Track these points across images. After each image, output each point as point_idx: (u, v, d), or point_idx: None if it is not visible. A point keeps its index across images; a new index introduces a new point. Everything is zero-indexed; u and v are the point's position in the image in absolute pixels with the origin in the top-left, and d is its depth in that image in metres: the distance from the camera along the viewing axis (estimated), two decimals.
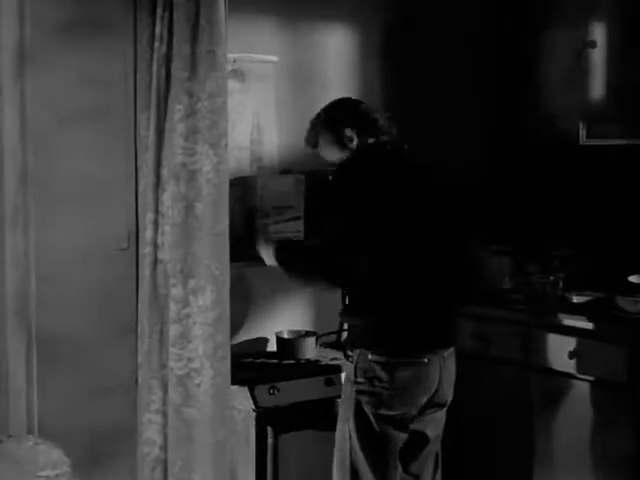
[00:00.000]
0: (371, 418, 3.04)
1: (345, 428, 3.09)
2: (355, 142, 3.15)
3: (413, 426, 3.10)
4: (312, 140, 3.26)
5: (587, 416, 3.63)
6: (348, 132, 3.15)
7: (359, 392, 3.05)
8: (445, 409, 3.20)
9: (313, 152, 3.29)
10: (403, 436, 3.08)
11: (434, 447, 3.21)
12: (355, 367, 3.06)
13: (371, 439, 3.05)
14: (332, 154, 3.21)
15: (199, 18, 3.14)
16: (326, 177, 3.24)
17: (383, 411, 3.03)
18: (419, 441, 3.15)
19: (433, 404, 3.12)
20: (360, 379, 3.04)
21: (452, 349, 3.16)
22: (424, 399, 3.08)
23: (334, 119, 3.20)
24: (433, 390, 3.09)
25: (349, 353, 3.12)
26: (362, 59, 4.04)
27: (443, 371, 3.10)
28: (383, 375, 3.02)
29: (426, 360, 3.05)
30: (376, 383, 3.02)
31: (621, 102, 3.93)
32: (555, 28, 4.17)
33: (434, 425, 3.17)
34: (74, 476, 2.77)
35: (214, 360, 3.17)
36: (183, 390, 3.19)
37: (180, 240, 3.18)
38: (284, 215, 3.69)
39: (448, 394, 3.17)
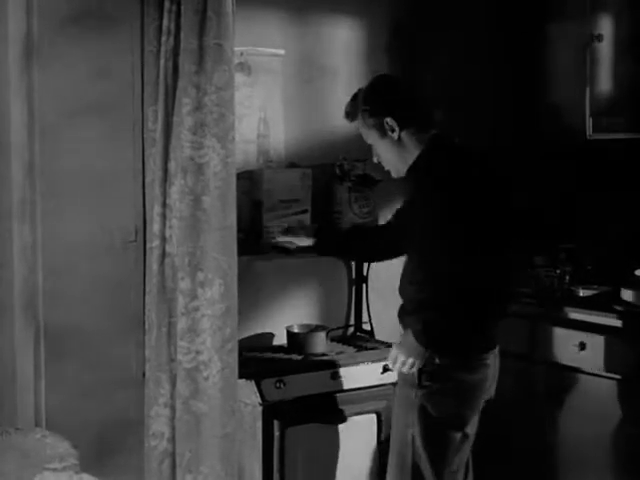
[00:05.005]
0: (438, 422, 2.97)
1: (407, 433, 3.00)
2: (397, 132, 3.01)
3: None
4: (351, 113, 3.12)
5: (594, 410, 3.64)
6: (389, 121, 3.01)
7: (426, 396, 2.98)
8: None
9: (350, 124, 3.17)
10: (459, 435, 3.04)
11: (470, 444, 3.15)
12: (420, 371, 2.97)
13: (436, 442, 2.99)
14: (370, 136, 3.08)
15: (206, 11, 3.13)
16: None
17: (450, 414, 2.99)
18: (461, 439, 3.09)
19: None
20: (427, 383, 2.97)
21: (497, 347, 3.12)
22: (483, 399, 3.06)
23: (376, 102, 3.05)
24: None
25: None
26: (370, 53, 4.02)
27: (495, 370, 3.08)
28: (452, 378, 2.96)
29: (488, 361, 3.02)
30: (445, 386, 2.96)
31: (628, 95, 3.93)
32: (561, 21, 4.17)
33: (474, 423, 3.13)
34: (81, 469, 2.77)
35: (222, 353, 3.17)
36: (191, 383, 3.19)
37: (188, 233, 3.18)
38: (291, 209, 3.69)
39: (492, 392, 3.13)
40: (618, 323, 3.58)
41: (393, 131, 3.03)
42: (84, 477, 2.68)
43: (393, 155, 3.07)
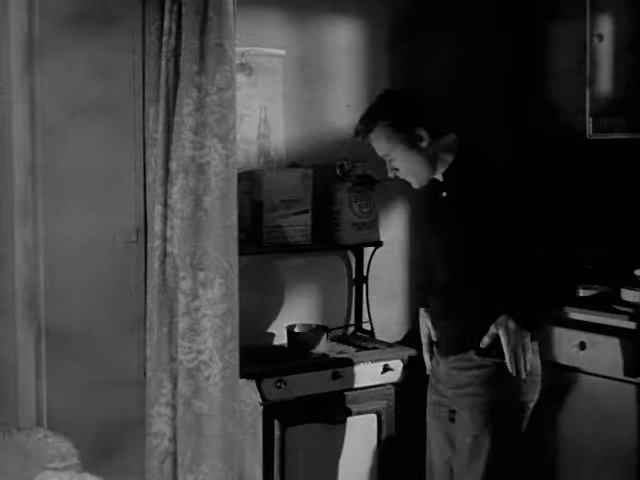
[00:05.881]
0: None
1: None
2: (426, 141, 2.96)
3: None
4: (362, 131, 3.03)
5: (594, 410, 3.64)
6: (420, 131, 2.95)
7: (522, 385, 3.01)
8: None
9: (363, 142, 3.07)
10: None
11: None
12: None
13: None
14: (393, 150, 3.00)
15: (208, 11, 3.14)
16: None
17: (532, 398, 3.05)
18: None
19: None
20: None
21: None
22: None
23: (403, 115, 2.99)
24: None
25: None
26: (371, 53, 4.03)
27: None
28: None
29: None
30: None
31: (628, 95, 3.93)
32: (562, 20, 4.17)
33: None
34: (83, 468, 2.78)
35: (223, 352, 3.18)
36: (192, 383, 3.20)
37: (189, 233, 3.19)
38: (291, 209, 3.69)
39: None
40: (618, 323, 3.58)
41: (422, 140, 2.98)
42: (85, 476, 2.68)
43: (421, 165, 3.01)
